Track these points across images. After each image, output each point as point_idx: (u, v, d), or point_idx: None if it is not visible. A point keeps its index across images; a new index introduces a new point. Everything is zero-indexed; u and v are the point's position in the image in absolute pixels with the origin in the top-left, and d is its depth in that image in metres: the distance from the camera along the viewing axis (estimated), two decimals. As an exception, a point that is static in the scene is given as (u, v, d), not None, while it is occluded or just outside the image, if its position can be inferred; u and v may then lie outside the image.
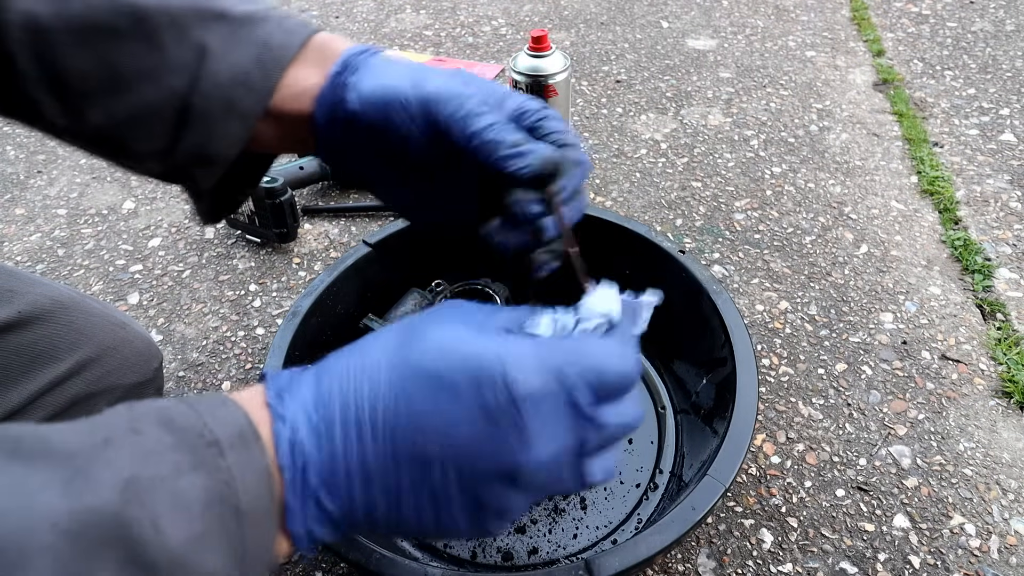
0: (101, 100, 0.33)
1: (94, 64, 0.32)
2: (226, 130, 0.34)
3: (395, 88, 0.34)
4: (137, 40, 0.32)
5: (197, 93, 0.33)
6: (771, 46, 1.33)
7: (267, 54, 0.34)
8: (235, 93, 0.34)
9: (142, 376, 0.57)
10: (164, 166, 0.36)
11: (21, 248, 0.93)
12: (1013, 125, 1.07)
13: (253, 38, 0.34)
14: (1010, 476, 0.61)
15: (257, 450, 0.26)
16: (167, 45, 0.32)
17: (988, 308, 0.77)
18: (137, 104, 0.33)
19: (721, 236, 0.89)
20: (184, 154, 0.35)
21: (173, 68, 0.33)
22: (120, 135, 0.34)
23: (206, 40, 0.33)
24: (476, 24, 1.47)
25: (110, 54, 0.32)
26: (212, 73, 0.33)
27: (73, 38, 0.31)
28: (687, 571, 0.56)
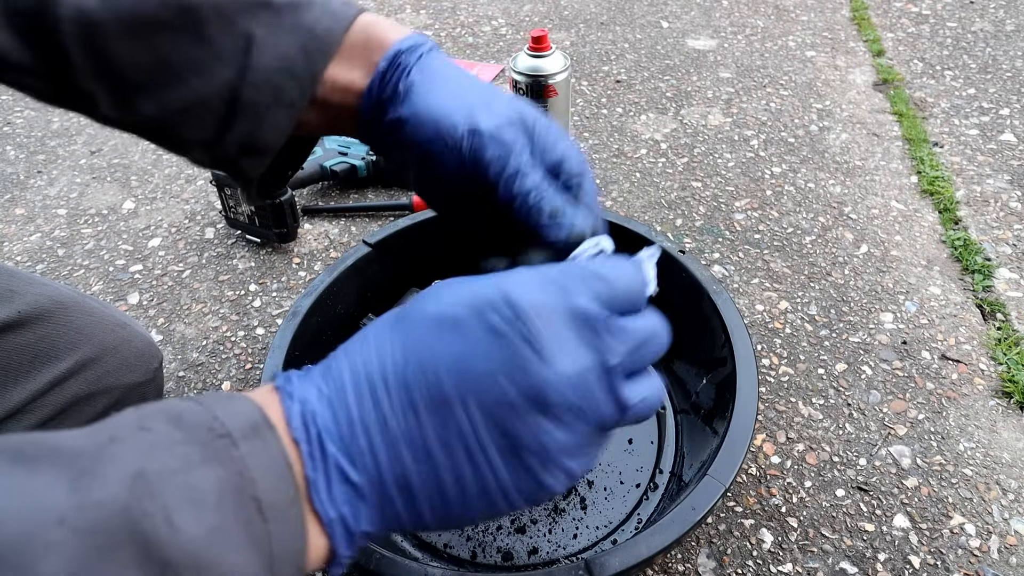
0: (152, 92, 0.33)
1: (144, 56, 0.32)
2: (274, 120, 0.35)
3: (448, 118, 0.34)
4: (185, 32, 0.32)
5: (246, 84, 0.33)
6: (771, 46, 1.33)
7: (312, 43, 0.34)
8: (282, 83, 0.34)
9: (142, 376, 0.57)
10: (212, 155, 0.36)
11: (21, 248, 0.93)
12: (1013, 125, 1.07)
13: (298, 25, 0.34)
14: (1010, 476, 0.61)
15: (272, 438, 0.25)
16: (214, 36, 0.33)
17: (988, 308, 0.77)
18: (188, 95, 0.33)
19: (721, 236, 0.89)
20: (233, 144, 0.35)
21: (222, 59, 0.33)
22: (171, 125, 0.35)
23: (252, 30, 0.33)
24: (476, 24, 1.47)
25: (159, 47, 0.32)
26: (259, 64, 0.33)
27: (123, 31, 0.32)
28: (687, 571, 0.56)
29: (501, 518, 0.26)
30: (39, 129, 1.21)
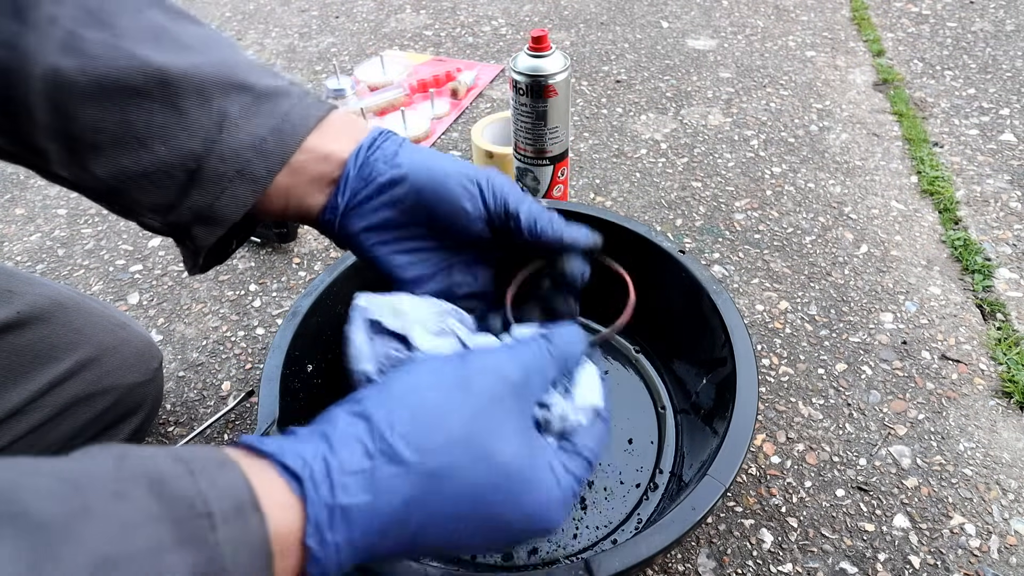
0: (111, 155, 0.33)
1: (111, 120, 0.33)
2: (235, 193, 0.36)
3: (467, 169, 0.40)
4: (160, 102, 0.33)
5: (212, 156, 0.34)
6: (771, 46, 1.33)
7: (285, 124, 0.36)
8: (249, 159, 0.35)
9: (142, 376, 0.57)
10: (164, 221, 0.36)
11: (21, 248, 0.93)
12: (1013, 125, 1.07)
13: (273, 110, 0.36)
14: (1010, 476, 0.61)
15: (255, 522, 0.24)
16: (189, 110, 0.34)
17: (988, 308, 0.77)
18: (149, 161, 0.34)
19: (721, 236, 0.89)
20: (188, 211, 0.36)
21: (191, 131, 0.34)
22: (125, 189, 0.35)
23: (227, 108, 0.35)
24: (476, 24, 1.47)
25: (130, 113, 0.33)
26: (230, 138, 0.35)
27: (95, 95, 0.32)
28: (687, 571, 0.56)
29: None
30: (39, 129, 1.21)
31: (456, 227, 0.40)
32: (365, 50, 1.39)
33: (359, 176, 0.38)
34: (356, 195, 0.38)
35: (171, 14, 0.35)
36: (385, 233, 0.40)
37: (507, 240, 0.41)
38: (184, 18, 0.36)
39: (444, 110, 1.16)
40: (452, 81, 1.21)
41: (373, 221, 0.39)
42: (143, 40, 0.33)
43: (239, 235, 0.42)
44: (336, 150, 0.38)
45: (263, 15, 1.57)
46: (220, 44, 0.36)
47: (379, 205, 0.39)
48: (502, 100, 1.20)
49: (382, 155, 0.38)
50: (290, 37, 1.46)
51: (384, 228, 0.40)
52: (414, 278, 0.41)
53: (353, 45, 1.41)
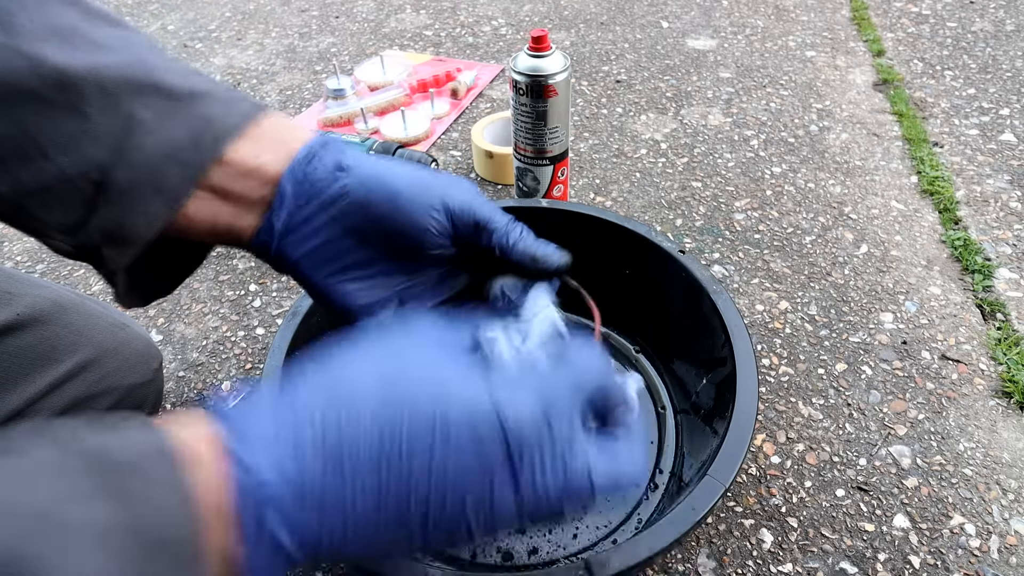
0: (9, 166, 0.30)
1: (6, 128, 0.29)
2: (147, 208, 0.31)
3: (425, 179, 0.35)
4: (59, 107, 0.29)
5: (120, 165, 0.30)
6: (771, 46, 1.33)
7: (207, 130, 0.32)
8: (163, 169, 0.31)
9: (142, 377, 0.57)
10: (73, 242, 0.32)
11: (21, 248, 0.93)
12: (1013, 125, 1.07)
13: (192, 114, 0.32)
14: (1010, 476, 0.61)
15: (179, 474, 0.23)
16: (92, 114, 0.30)
17: (988, 308, 0.77)
18: (50, 173, 0.30)
19: (721, 236, 0.89)
20: (96, 230, 0.31)
21: (95, 138, 0.30)
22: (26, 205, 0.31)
23: (136, 112, 0.30)
24: (476, 24, 1.47)
25: (26, 119, 0.29)
26: (139, 146, 0.30)
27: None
28: (687, 571, 0.56)
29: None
30: (39, 129, 1.21)
31: (414, 245, 0.35)
32: (365, 50, 1.39)
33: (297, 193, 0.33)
34: (294, 216, 0.34)
35: (84, 12, 0.31)
36: (330, 257, 0.35)
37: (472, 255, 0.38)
38: (99, 16, 0.32)
39: (444, 110, 1.16)
40: (452, 81, 1.21)
41: (315, 243, 0.34)
42: (43, 39, 0.29)
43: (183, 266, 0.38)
44: (266, 163, 0.33)
45: (263, 15, 1.57)
46: (135, 43, 0.32)
47: (321, 225, 0.34)
48: (502, 100, 1.20)
49: (322, 167, 0.34)
50: (290, 37, 1.46)
51: (328, 251, 0.35)
52: (366, 305, 0.36)
53: (353, 45, 1.41)
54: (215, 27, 1.52)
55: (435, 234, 0.35)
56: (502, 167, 0.98)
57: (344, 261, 0.35)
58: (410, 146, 1.07)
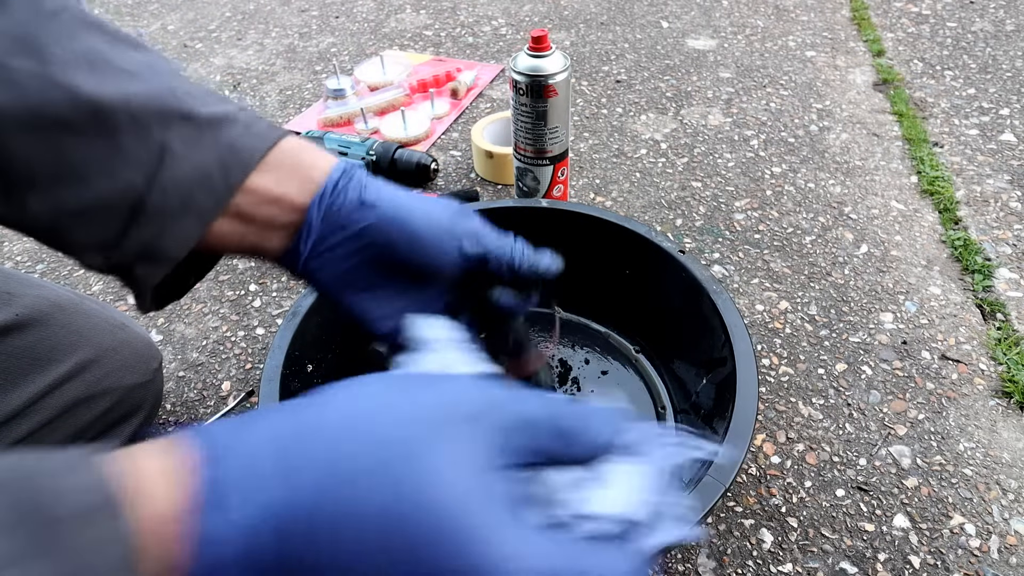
0: (47, 189, 0.31)
1: (45, 154, 0.31)
2: (180, 229, 0.33)
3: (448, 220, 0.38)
4: (94, 136, 0.31)
5: (154, 190, 0.32)
6: (771, 46, 1.33)
7: (231, 157, 0.34)
8: (193, 193, 0.33)
9: (142, 377, 0.57)
10: (107, 260, 0.34)
11: (21, 248, 0.93)
12: (1013, 125, 1.07)
13: (218, 140, 0.34)
14: (1010, 476, 0.61)
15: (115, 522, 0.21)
16: (125, 143, 0.31)
17: (988, 308, 0.77)
18: (88, 197, 0.32)
19: (721, 236, 0.89)
20: (131, 250, 0.33)
21: (129, 164, 0.32)
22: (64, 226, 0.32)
23: (168, 140, 0.32)
24: (476, 24, 1.47)
25: (64, 146, 0.31)
26: (171, 172, 0.32)
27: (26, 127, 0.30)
28: (687, 571, 0.56)
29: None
30: (39, 129, 1.21)
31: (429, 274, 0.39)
32: (365, 50, 1.39)
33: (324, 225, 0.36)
34: (320, 243, 0.37)
35: (109, 38, 0.33)
36: (351, 281, 0.38)
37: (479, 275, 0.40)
38: (124, 42, 0.33)
39: (444, 110, 1.16)
40: (452, 81, 1.21)
41: (342, 269, 0.38)
42: (75, 67, 0.31)
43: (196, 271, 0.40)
44: (290, 192, 0.36)
45: (263, 15, 1.57)
46: (161, 69, 0.34)
47: (345, 255, 0.37)
48: (502, 100, 1.20)
49: (348, 202, 0.36)
50: (290, 37, 1.46)
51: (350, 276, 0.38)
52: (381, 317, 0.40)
53: (353, 45, 1.41)
54: (215, 27, 1.52)
55: (449, 266, 0.39)
56: (502, 167, 0.98)
57: (364, 283, 0.38)
58: (410, 146, 1.07)
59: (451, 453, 0.22)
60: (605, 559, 0.23)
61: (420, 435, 0.22)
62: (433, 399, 0.24)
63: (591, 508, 0.25)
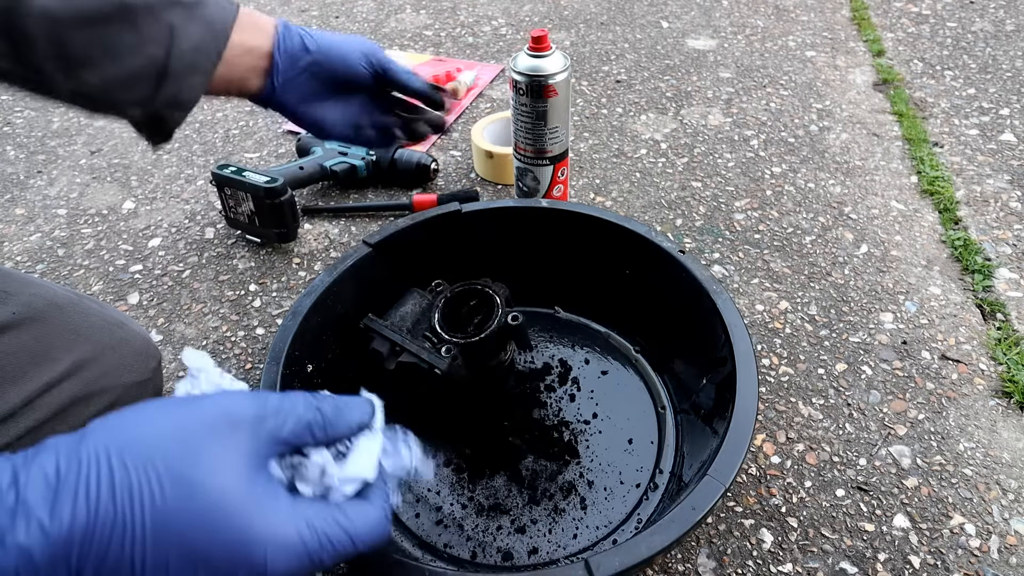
0: (97, 66, 0.44)
1: (92, 41, 0.43)
2: (191, 83, 0.48)
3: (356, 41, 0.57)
4: (123, 24, 0.44)
5: (171, 58, 0.46)
6: (771, 46, 1.33)
7: (215, 27, 0.48)
8: (196, 58, 0.47)
9: (140, 376, 0.56)
10: (144, 110, 0.47)
11: (21, 248, 0.93)
12: (1013, 125, 1.07)
13: (202, 17, 0.47)
14: (1010, 476, 0.61)
15: None
16: (143, 27, 0.44)
17: (988, 308, 0.77)
18: (127, 68, 0.45)
19: (721, 236, 0.89)
20: (162, 102, 0.47)
21: (151, 42, 0.45)
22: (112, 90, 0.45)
23: (172, 21, 0.46)
24: (476, 24, 1.47)
25: (104, 34, 0.43)
26: (179, 44, 0.46)
27: (76, 23, 0.42)
28: (687, 571, 0.56)
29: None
30: (39, 129, 1.21)
31: (353, 82, 0.57)
32: (365, 50, 1.39)
33: (284, 63, 0.53)
34: (285, 76, 0.53)
35: None
36: (309, 97, 0.56)
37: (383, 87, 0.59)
38: None
39: (444, 110, 1.16)
40: (452, 81, 1.21)
41: (301, 92, 0.55)
42: None
43: None
44: (257, 45, 0.52)
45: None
46: None
47: (303, 80, 0.55)
48: (502, 100, 1.20)
49: (296, 44, 0.54)
50: (290, 37, 1.46)
51: (307, 94, 0.55)
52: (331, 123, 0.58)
53: (353, 45, 1.41)
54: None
55: (364, 74, 0.57)
56: (502, 167, 0.98)
57: (316, 96, 0.56)
58: (410, 146, 1.07)
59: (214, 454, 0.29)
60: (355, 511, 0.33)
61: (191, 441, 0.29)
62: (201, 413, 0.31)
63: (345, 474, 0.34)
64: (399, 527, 0.57)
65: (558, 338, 0.72)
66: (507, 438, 0.62)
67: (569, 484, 0.59)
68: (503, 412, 0.64)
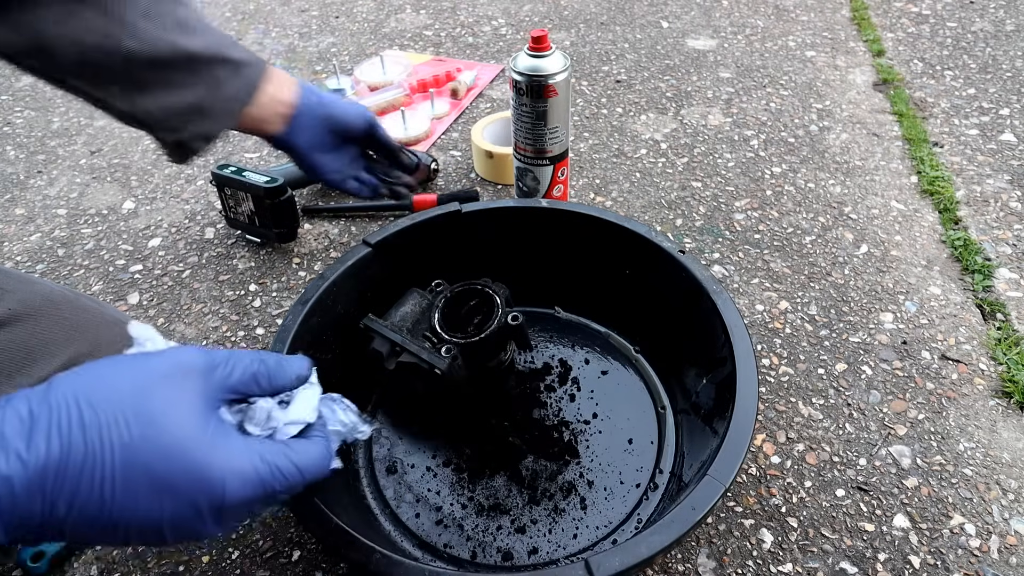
0: (155, 97, 0.55)
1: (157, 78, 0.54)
2: (222, 122, 0.60)
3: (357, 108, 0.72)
4: (186, 70, 0.55)
5: (211, 100, 0.58)
6: (771, 46, 1.33)
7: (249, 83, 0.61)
8: (231, 104, 0.60)
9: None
10: (176, 136, 0.58)
11: (21, 248, 0.93)
12: (1013, 125, 1.07)
13: (242, 73, 0.60)
14: (1010, 476, 0.61)
15: None
16: (200, 74, 0.56)
17: (988, 308, 0.77)
18: (176, 102, 0.56)
19: (721, 236, 0.89)
20: (193, 132, 0.58)
21: (202, 86, 0.57)
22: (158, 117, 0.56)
23: (220, 73, 0.58)
24: (476, 24, 1.47)
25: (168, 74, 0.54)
26: (222, 92, 0.58)
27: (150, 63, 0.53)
28: (687, 571, 0.56)
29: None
30: (39, 129, 1.21)
31: (350, 136, 0.71)
32: (365, 50, 1.39)
33: (302, 116, 0.66)
34: (302, 125, 0.66)
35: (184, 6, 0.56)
36: (315, 144, 0.69)
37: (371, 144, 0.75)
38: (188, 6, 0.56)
39: (444, 110, 1.16)
40: (452, 81, 1.21)
41: (309, 138, 0.68)
42: (173, 29, 0.53)
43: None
44: (283, 97, 0.64)
45: (263, 15, 1.57)
46: (212, 28, 0.58)
47: (315, 130, 0.68)
48: (502, 100, 1.20)
49: (312, 99, 0.67)
50: (290, 37, 1.46)
51: (314, 142, 0.69)
52: (328, 169, 0.71)
53: (353, 45, 1.41)
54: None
55: (361, 127, 0.71)
56: (502, 167, 0.98)
57: (320, 145, 0.69)
58: (410, 146, 1.07)
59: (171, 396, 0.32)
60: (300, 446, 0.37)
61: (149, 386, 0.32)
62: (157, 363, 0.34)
63: (288, 418, 0.39)
64: (399, 527, 0.57)
65: (558, 338, 0.72)
66: (507, 438, 0.62)
67: (569, 484, 0.59)
68: (503, 412, 0.64)
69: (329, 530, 0.43)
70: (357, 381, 0.65)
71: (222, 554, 0.58)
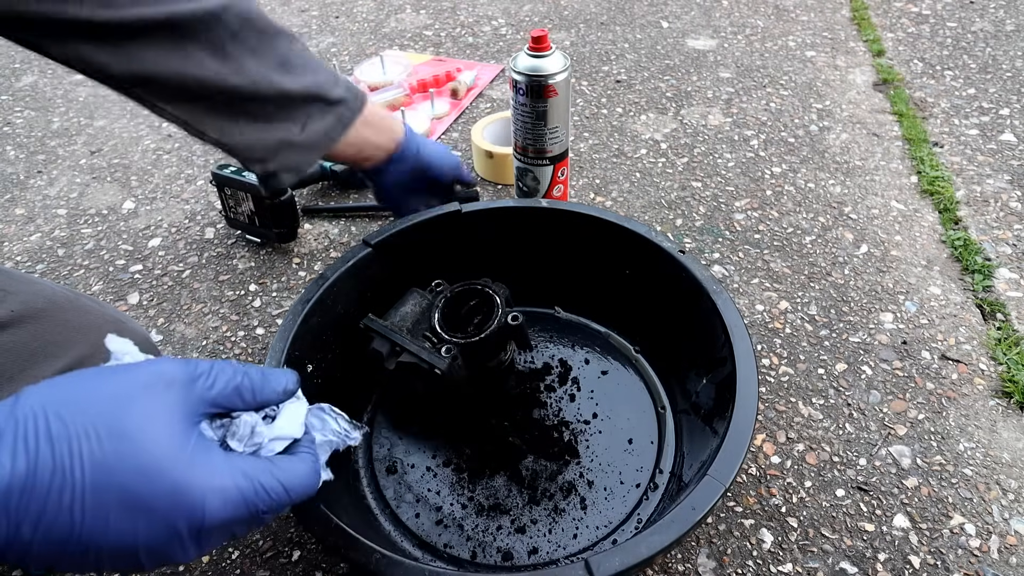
0: (245, 129, 0.57)
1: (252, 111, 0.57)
2: (308, 157, 0.62)
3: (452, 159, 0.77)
4: (279, 106, 0.58)
5: (301, 136, 0.60)
6: (771, 46, 1.33)
7: (341, 122, 0.63)
8: (319, 140, 0.62)
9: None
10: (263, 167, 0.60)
11: (21, 248, 0.93)
12: (1013, 125, 1.07)
13: (335, 112, 0.62)
14: (1010, 476, 0.61)
15: None
16: (292, 111, 0.59)
17: (988, 308, 0.77)
18: (266, 135, 0.58)
19: (721, 236, 0.89)
20: (279, 163, 0.61)
21: (292, 122, 0.59)
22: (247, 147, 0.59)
23: (311, 111, 0.60)
24: (476, 24, 1.47)
25: (262, 108, 0.57)
26: (311, 128, 0.61)
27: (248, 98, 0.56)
28: (687, 571, 0.56)
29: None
30: (39, 129, 1.21)
31: (440, 184, 0.76)
32: (365, 50, 1.39)
33: (399, 160, 0.71)
34: (394, 170, 0.72)
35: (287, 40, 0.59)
36: (401, 185, 0.74)
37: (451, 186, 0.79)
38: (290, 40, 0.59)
39: (444, 110, 1.16)
40: (452, 81, 1.21)
41: (398, 179, 0.73)
42: (275, 69, 0.57)
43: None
44: (382, 143, 0.69)
45: (263, 15, 1.56)
46: (311, 66, 0.60)
47: (403, 174, 0.73)
48: (502, 100, 1.20)
49: (412, 153, 0.72)
50: (290, 37, 1.46)
51: (401, 183, 0.73)
52: (408, 206, 0.74)
53: (353, 45, 1.41)
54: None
55: (447, 182, 0.76)
56: (502, 167, 0.98)
57: (407, 187, 0.74)
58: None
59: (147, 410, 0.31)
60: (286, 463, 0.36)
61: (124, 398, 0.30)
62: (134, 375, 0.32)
63: (274, 433, 0.37)
64: (399, 527, 0.57)
65: (558, 338, 0.72)
66: (507, 438, 0.62)
67: (569, 484, 0.59)
68: (503, 412, 0.64)
69: (329, 530, 0.43)
70: (357, 381, 0.65)
71: (222, 554, 0.58)
